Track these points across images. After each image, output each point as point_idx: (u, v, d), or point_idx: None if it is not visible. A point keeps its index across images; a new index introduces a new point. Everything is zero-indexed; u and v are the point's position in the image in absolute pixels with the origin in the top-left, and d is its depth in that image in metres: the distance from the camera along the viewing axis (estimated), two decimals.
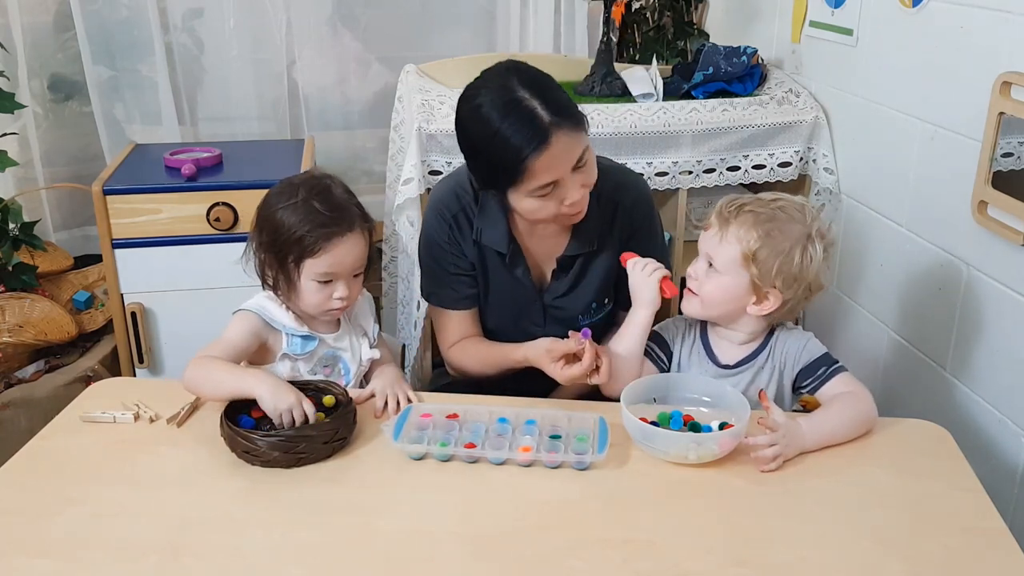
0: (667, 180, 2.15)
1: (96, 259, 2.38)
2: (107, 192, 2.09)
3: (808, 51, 2.26)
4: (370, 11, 2.71)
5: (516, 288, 1.65)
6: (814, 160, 2.20)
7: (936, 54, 1.77)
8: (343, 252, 1.43)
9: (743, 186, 2.21)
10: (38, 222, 2.29)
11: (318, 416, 1.34)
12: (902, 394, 1.95)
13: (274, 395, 1.31)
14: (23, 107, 2.25)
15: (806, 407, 1.55)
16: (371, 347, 1.58)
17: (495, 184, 1.48)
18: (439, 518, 1.19)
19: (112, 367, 2.29)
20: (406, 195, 2.01)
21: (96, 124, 2.57)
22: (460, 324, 1.69)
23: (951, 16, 1.72)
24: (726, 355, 1.51)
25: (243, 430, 1.29)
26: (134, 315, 2.16)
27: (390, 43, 2.75)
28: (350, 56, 2.73)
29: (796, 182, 2.22)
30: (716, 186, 2.18)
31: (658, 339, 1.55)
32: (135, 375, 2.22)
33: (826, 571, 1.10)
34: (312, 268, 1.43)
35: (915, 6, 1.82)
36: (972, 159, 1.65)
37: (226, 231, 2.14)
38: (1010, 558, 1.12)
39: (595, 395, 1.67)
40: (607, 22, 2.26)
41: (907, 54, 1.86)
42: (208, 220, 2.12)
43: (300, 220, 1.42)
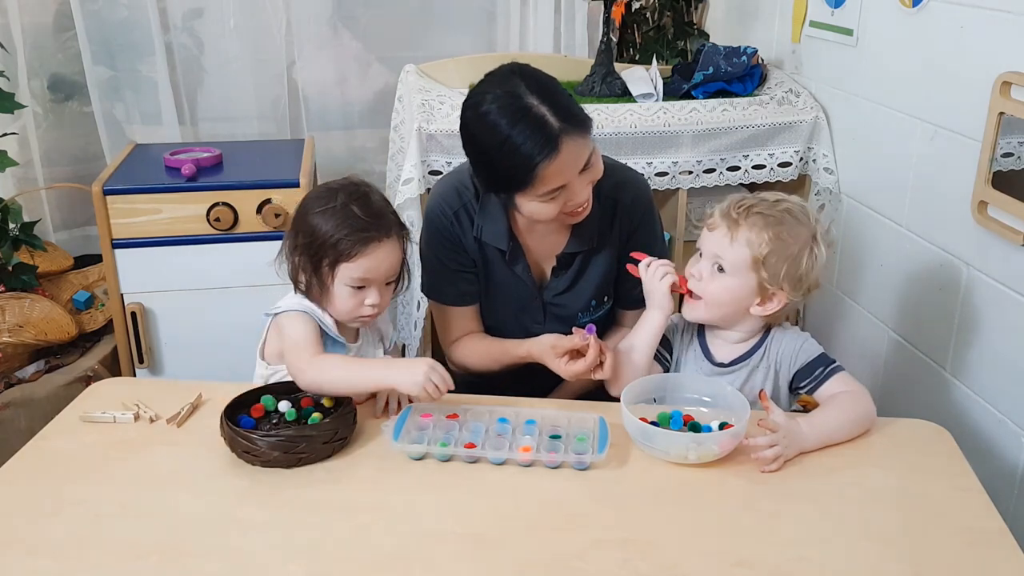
0: (667, 180, 2.15)
1: (96, 259, 2.38)
2: (107, 192, 2.09)
3: (808, 51, 2.27)
4: (370, 11, 2.71)
5: (516, 285, 1.65)
6: (814, 160, 2.21)
7: (936, 54, 1.77)
8: (379, 258, 1.43)
9: (743, 186, 2.21)
10: (38, 222, 2.29)
11: (316, 416, 1.34)
12: (902, 394, 1.95)
13: (410, 377, 1.31)
14: (23, 107, 2.25)
15: (805, 407, 1.55)
16: (386, 352, 1.58)
17: (503, 188, 1.48)
18: (439, 518, 1.19)
19: (112, 367, 2.29)
20: (406, 195, 2.01)
21: (96, 124, 2.57)
22: (462, 320, 1.69)
23: (951, 16, 1.72)
24: (721, 353, 1.51)
25: (243, 430, 1.29)
26: (134, 315, 2.16)
27: (390, 43, 2.75)
28: (350, 56, 2.73)
29: (796, 182, 2.23)
30: (716, 186, 2.18)
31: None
32: (135, 375, 2.22)
33: (826, 571, 1.10)
34: (347, 273, 1.42)
35: (915, 6, 1.82)
36: (972, 159, 1.65)
37: (226, 231, 2.14)
38: (1010, 558, 1.12)
39: (595, 395, 1.67)
40: (607, 22, 2.26)
41: (907, 54, 1.86)
42: (208, 220, 2.12)
43: (338, 224, 1.41)
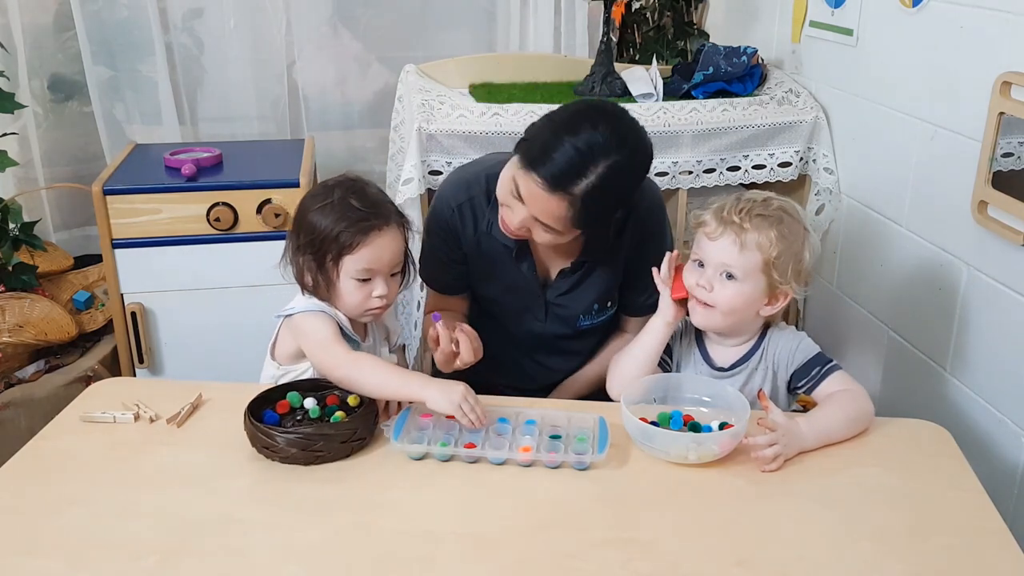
0: (667, 180, 2.15)
1: (96, 259, 2.37)
2: (107, 192, 2.09)
3: (808, 51, 2.27)
4: (370, 11, 2.71)
5: (520, 281, 1.65)
6: (814, 160, 2.21)
7: (936, 54, 1.77)
8: (381, 246, 1.43)
9: (743, 186, 2.21)
10: (38, 222, 2.29)
11: (339, 415, 1.34)
12: (902, 394, 1.95)
13: (446, 396, 1.32)
14: (23, 107, 2.25)
15: (805, 408, 1.55)
16: (391, 351, 1.59)
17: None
18: (439, 518, 1.19)
19: (112, 367, 2.29)
20: (406, 195, 2.01)
21: (96, 124, 2.57)
22: (442, 303, 1.72)
23: (951, 16, 1.72)
24: (721, 357, 1.51)
25: (264, 426, 1.29)
26: (134, 315, 2.16)
27: (390, 43, 2.75)
28: (350, 56, 2.73)
29: (796, 182, 2.23)
30: (716, 186, 2.18)
31: None
32: (135, 375, 2.22)
33: (826, 571, 1.10)
34: (351, 265, 1.43)
35: (915, 6, 1.82)
36: (972, 159, 1.65)
37: (226, 231, 2.14)
38: (1010, 558, 1.12)
39: (595, 395, 1.67)
40: (607, 22, 2.26)
41: (907, 54, 1.86)
42: (208, 220, 2.12)
43: (338, 218, 1.42)
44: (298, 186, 2.13)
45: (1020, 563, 1.11)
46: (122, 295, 2.17)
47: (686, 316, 1.49)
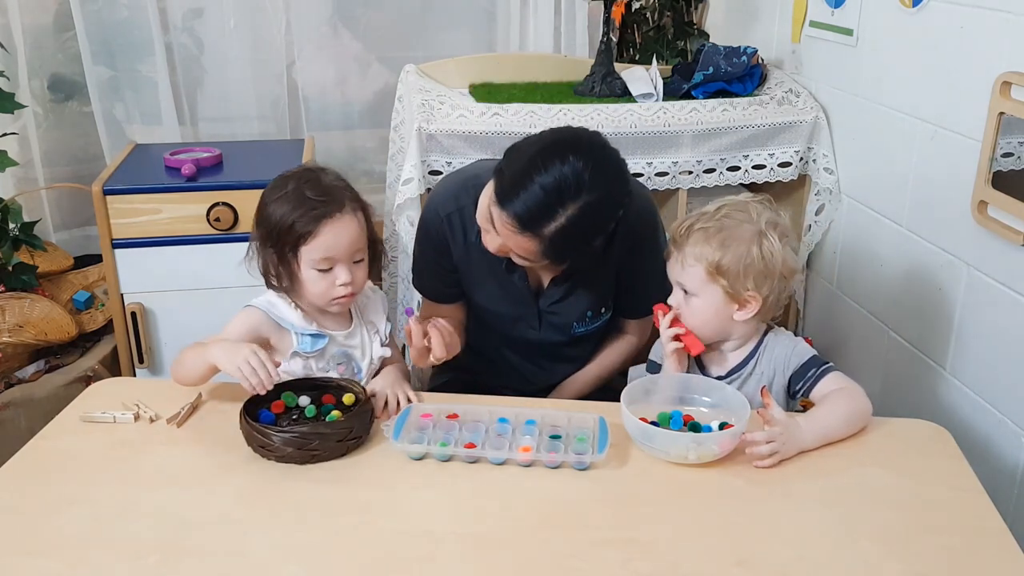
0: (667, 180, 2.15)
1: (96, 259, 2.37)
2: (107, 192, 2.09)
3: (808, 51, 2.27)
4: (370, 11, 2.71)
5: (512, 291, 1.64)
6: (814, 160, 2.21)
7: (936, 54, 1.77)
8: (336, 233, 1.42)
9: (743, 186, 2.21)
10: (38, 222, 2.29)
11: (335, 414, 1.34)
12: (902, 394, 1.95)
13: (228, 356, 1.33)
14: (23, 107, 2.25)
15: (805, 411, 1.54)
16: (383, 345, 1.57)
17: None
18: (439, 518, 1.19)
19: (112, 367, 2.29)
20: (406, 195, 2.01)
21: (96, 124, 2.57)
22: (436, 310, 1.70)
23: (951, 16, 1.72)
24: (717, 367, 1.51)
25: (260, 425, 1.29)
26: (134, 315, 2.16)
27: (390, 43, 2.75)
28: (350, 56, 2.73)
29: (796, 182, 2.23)
30: (716, 186, 2.18)
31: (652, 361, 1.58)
32: (135, 375, 2.22)
33: (826, 571, 1.10)
34: (309, 255, 1.42)
35: (915, 6, 1.82)
36: (972, 159, 1.65)
37: (226, 231, 2.14)
38: (1010, 558, 1.12)
39: (595, 395, 1.67)
40: (607, 22, 2.26)
41: (907, 54, 1.86)
42: (208, 220, 2.12)
43: (291, 208, 1.42)
44: None
45: (1020, 563, 1.11)
46: (122, 295, 2.17)
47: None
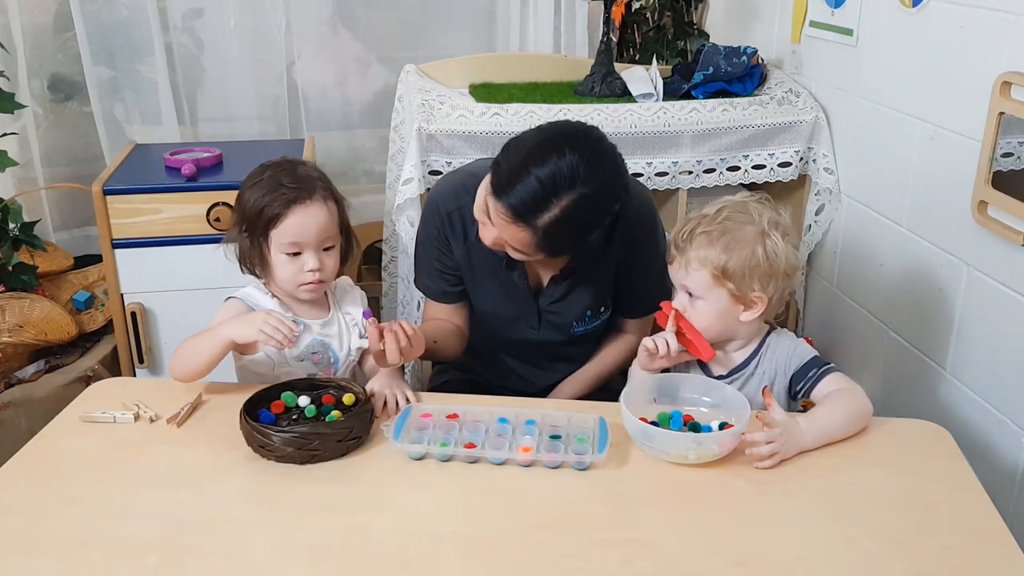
0: (667, 180, 2.15)
1: (96, 259, 2.37)
2: (107, 192, 2.09)
3: (808, 51, 2.27)
4: (370, 11, 2.71)
5: (512, 290, 1.65)
6: (814, 160, 2.21)
7: (936, 54, 1.77)
8: (304, 219, 1.46)
9: (743, 186, 2.21)
10: (38, 222, 2.29)
11: (334, 414, 1.34)
12: (902, 394, 1.95)
13: (243, 326, 1.38)
14: (23, 107, 2.25)
15: (805, 411, 1.55)
16: (361, 336, 1.57)
17: None
18: (439, 518, 1.19)
19: (112, 367, 2.29)
20: (406, 195, 2.01)
21: (96, 124, 2.57)
22: (439, 314, 1.71)
23: (951, 16, 1.72)
24: (719, 366, 1.51)
25: (260, 425, 1.29)
26: (134, 315, 2.16)
27: (390, 43, 2.75)
28: (350, 56, 2.73)
29: (796, 182, 2.23)
30: (716, 186, 2.18)
31: None
32: (135, 375, 2.22)
33: (826, 571, 1.10)
34: (278, 239, 1.46)
35: (915, 6, 1.82)
36: (972, 159, 1.65)
37: (226, 231, 2.13)
38: (1010, 558, 1.12)
39: (595, 395, 1.67)
40: (607, 22, 2.26)
41: (907, 54, 1.86)
42: (208, 220, 2.12)
43: (264, 193, 1.47)
44: None
45: (1020, 563, 1.11)
46: (122, 295, 2.17)
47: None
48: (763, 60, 2.32)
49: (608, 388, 1.71)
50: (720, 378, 1.49)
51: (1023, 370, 1.60)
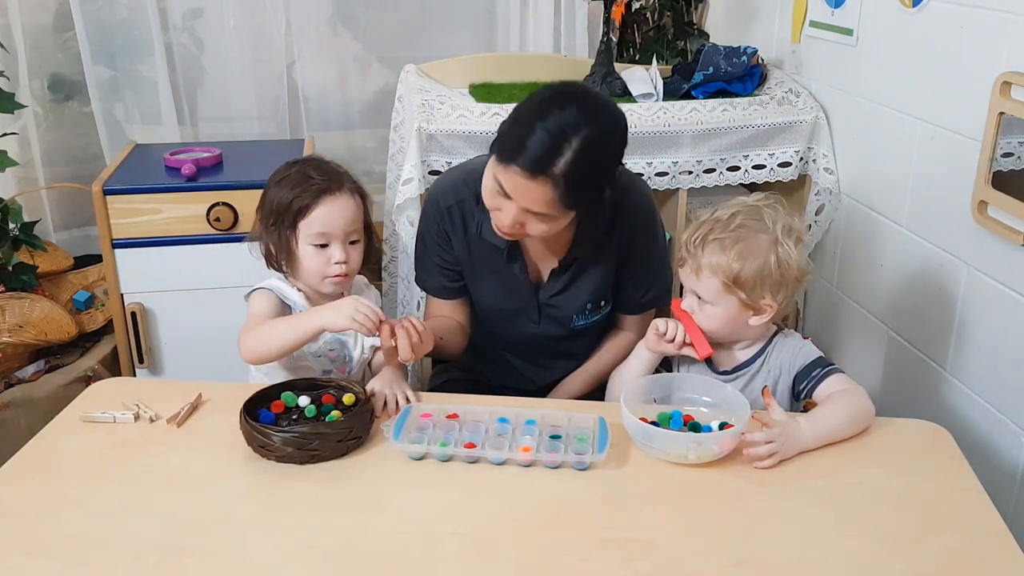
0: (667, 180, 2.15)
1: (96, 259, 2.37)
2: (107, 192, 2.09)
3: (808, 51, 2.26)
4: (370, 11, 2.71)
5: (513, 283, 1.65)
6: (814, 160, 2.20)
7: (936, 54, 1.77)
8: (333, 211, 1.48)
9: (743, 186, 2.21)
10: (38, 222, 2.29)
11: (334, 414, 1.34)
12: (902, 394, 1.95)
13: (335, 315, 1.38)
14: (23, 107, 2.25)
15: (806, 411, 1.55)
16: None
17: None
18: (439, 518, 1.19)
19: (112, 367, 2.29)
20: (406, 195, 2.01)
21: (96, 124, 2.57)
22: (440, 310, 1.72)
23: (951, 16, 1.72)
24: (724, 362, 1.51)
25: (260, 425, 1.29)
26: (134, 315, 2.16)
27: (390, 43, 2.75)
28: (350, 56, 2.73)
29: (796, 182, 2.23)
30: (716, 186, 2.18)
31: None
32: (135, 375, 2.22)
33: (826, 571, 1.10)
34: (306, 230, 1.48)
35: (915, 6, 1.82)
36: (972, 159, 1.65)
37: (226, 231, 2.14)
38: (1010, 558, 1.12)
39: (595, 395, 1.67)
40: (607, 22, 2.26)
41: (907, 54, 1.86)
42: (208, 220, 2.12)
43: (292, 187, 1.50)
44: None
45: (1020, 563, 1.11)
46: (122, 295, 2.17)
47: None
48: (763, 60, 2.32)
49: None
50: (724, 374, 1.50)
51: (1023, 370, 1.60)
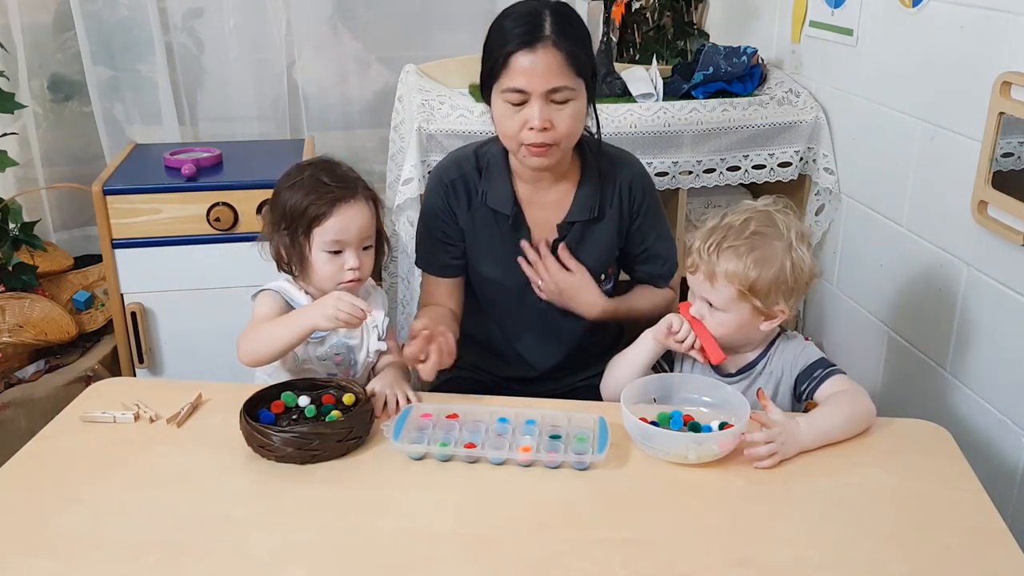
0: (667, 180, 2.15)
1: (96, 259, 2.38)
2: (107, 192, 2.09)
3: (808, 51, 2.27)
4: (370, 11, 2.71)
5: (517, 252, 1.67)
6: (814, 160, 2.21)
7: (936, 54, 1.77)
8: (348, 218, 1.48)
9: (743, 186, 2.21)
10: (38, 222, 2.29)
11: (334, 414, 1.34)
12: (902, 394, 1.95)
13: (318, 313, 1.38)
14: (23, 107, 2.25)
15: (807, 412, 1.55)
16: (379, 339, 1.58)
17: (485, 80, 1.55)
18: (439, 518, 1.19)
19: (112, 367, 2.29)
20: (406, 195, 2.01)
21: (96, 124, 2.57)
22: (437, 290, 1.73)
23: (951, 16, 1.72)
24: (728, 364, 1.51)
25: (260, 425, 1.29)
26: (134, 315, 2.16)
27: (390, 43, 2.75)
28: (350, 56, 2.73)
29: (796, 182, 2.23)
30: (716, 186, 2.18)
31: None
32: (135, 375, 2.22)
33: (826, 571, 1.10)
34: (321, 236, 1.47)
35: (915, 6, 1.82)
36: (972, 159, 1.65)
37: (226, 231, 2.14)
38: (1010, 558, 1.12)
39: (595, 395, 1.67)
40: (607, 22, 2.26)
41: (907, 54, 1.86)
42: (208, 220, 2.12)
43: (306, 192, 1.48)
44: None
45: (1020, 563, 1.11)
46: (122, 295, 2.17)
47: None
48: (763, 60, 2.32)
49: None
50: (728, 376, 1.49)
51: (1023, 370, 1.60)
